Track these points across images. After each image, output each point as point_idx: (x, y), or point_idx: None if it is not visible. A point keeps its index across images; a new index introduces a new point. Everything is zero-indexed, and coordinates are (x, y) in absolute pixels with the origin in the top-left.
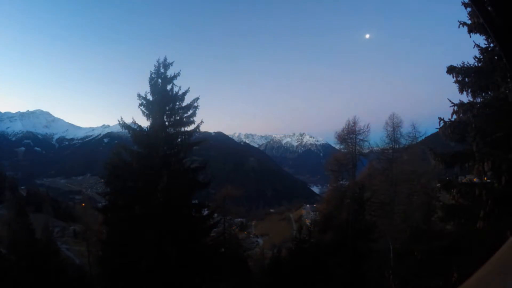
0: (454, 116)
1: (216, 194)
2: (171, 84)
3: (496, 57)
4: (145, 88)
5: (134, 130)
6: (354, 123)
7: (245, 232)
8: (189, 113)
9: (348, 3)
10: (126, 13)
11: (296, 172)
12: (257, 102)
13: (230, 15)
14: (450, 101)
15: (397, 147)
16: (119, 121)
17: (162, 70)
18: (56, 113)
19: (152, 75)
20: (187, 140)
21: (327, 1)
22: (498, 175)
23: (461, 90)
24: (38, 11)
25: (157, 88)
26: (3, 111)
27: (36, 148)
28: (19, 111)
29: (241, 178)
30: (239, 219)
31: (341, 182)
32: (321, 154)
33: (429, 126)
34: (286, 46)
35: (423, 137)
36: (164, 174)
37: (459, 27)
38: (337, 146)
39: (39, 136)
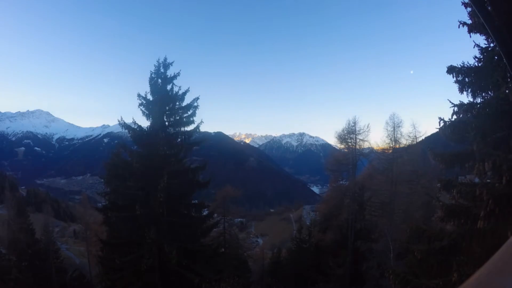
0: (454, 116)
1: (216, 194)
2: (171, 84)
3: (496, 57)
4: (145, 88)
5: (134, 130)
6: (354, 123)
7: (245, 232)
8: (189, 113)
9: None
10: (126, 13)
11: (296, 172)
12: (257, 102)
13: (231, 14)
14: (450, 101)
15: (397, 147)
16: (119, 121)
17: (162, 70)
18: (56, 113)
19: (152, 75)
20: (187, 140)
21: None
22: (499, 175)
23: (461, 90)
24: (38, 11)
25: (157, 88)
26: (3, 111)
27: (36, 148)
28: (19, 111)
29: (241, 178)
30: (239, 219)
31: (341, 182)
32: (321, 154)
33: (429, 126)
34: (287, 47)
35: (423, 137)
36: (164, 174)
37: (459, 27)
38: (337, 146)
39: (39, 136)
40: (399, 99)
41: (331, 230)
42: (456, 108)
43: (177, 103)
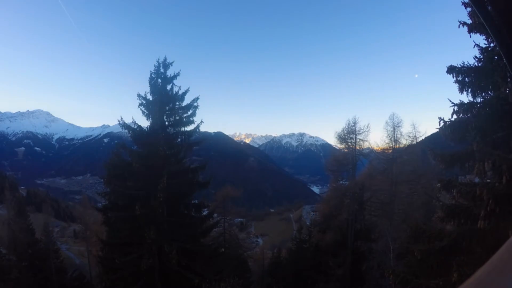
0: (454, 116)
1: (216, 194)
2: (171, 84)
3: (496, 57)
4: (145, 88)
5: (134, 130)
6: (354, 123)
7: (245, 232)
8: (189, 113)
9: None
10: (126, 12)
11: (296, 172)
12: (257, 102)
13: (232, 14)
14: (450, 101)
15: (397, 147)
16: (119, 121)
17: (162, 70)
18: (56, 113)
19: (152, 75)
20: (187, 140)
21: None
22: (499, 175)
23: (461, 90)
24: (38, 11)
25: (157, 88)
26: (3, 111)
27: (36, 148)
28: (19, 111)
29: (241, 178)
30: (239, 219)
31: (341, 182)
32: (321, 154)
33: (429, 126)
34: (287, 47)
35: (423, 137)
36: (164, 174)
37: (459, 27)
38: (337, 146)
39: (39, 136)
40: (399, 99)
41: (331, 230)
42: (456, 108)
43: (177, 103)
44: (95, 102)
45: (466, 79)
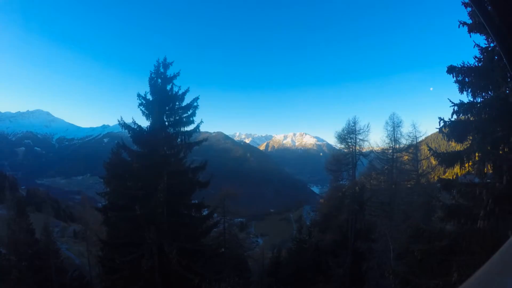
0: (454, 116)
1: (216, 194)
2: (171, 84)
3: (496, 57)
4: (145, 88)
5: (134, 130)
6: (354, 123)
7: (245, 232)
8: (189, 113)
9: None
10: (126, 11)
11: (296, 172)
12: (257, 102)
13: (232, 12)
14: (450, 101)
15: (397, 147)
16: (119, 121)
17: (162, 70)
18: (56, 113)
19: (152, 75)
20: (187, 140)
21: None
22: (499, 175)
23: (461, 90)
24: (38, 11)
25: (156, 88)
26: (3, 111)
27: (36, 148)
28: (19, 111)
29: (241, 178)
30: (239, 219)
31: (341, 182)
32: (321, 154)
33: (429, 126)
34: (287, 46)
35: (423, 137)
36: (164, 174)
37: (459, 27)
38: (337, 146)
39: (39, 136)
40: (400, 100)
41: (331, 230)
42: (456, 108)
43: (177, 103)
44: (95, 102)
45: (466, 79)
